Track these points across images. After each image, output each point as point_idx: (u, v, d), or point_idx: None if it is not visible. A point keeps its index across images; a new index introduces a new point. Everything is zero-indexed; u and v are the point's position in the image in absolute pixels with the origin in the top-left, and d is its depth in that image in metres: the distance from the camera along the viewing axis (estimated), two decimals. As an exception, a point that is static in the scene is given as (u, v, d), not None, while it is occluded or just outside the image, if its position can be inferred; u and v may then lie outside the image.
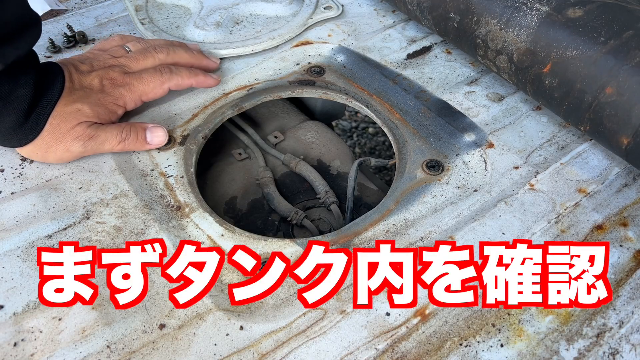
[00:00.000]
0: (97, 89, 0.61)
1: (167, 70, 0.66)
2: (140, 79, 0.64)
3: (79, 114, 0.58)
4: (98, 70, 0.62)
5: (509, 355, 0.47)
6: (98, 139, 0.60)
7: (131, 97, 0.63)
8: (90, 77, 0.61)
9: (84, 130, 0.59)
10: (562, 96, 0.61)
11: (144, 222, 0.56)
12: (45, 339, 0.46)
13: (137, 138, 0.62)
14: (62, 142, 0.58)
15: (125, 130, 0.61)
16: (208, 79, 0.70)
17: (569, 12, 0.61)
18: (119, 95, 0.62)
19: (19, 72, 0.54)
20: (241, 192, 0.74)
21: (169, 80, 0.66)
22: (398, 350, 0.47)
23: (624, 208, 0.59)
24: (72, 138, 0.58)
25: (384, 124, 0.69)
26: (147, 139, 0.63)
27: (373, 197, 0.75)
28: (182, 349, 0.46)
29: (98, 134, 0.60)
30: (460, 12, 0.71)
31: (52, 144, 0.58)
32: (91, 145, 0.60)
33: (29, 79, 0.55)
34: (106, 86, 0.62)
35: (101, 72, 0.62)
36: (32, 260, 0.52)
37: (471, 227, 0.57)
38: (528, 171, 0.63)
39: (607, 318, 0.50)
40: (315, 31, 0.84)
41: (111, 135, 0.61)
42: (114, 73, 0.63)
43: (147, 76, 0.64)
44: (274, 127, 0.85)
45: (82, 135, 0.59)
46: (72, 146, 0.59)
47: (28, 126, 0.56)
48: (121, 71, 0.64)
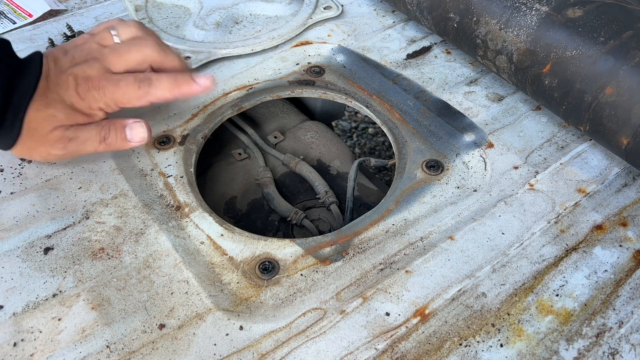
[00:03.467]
0: (71, 91, 0.56)
1: (146, 84, 0.57)
2: (117, 86, 0.56)
3: (54, 119, 0.55)
4: (78, 65, 0.56)
5: (508, 355, 0.47)
6: (78, 140, 0.57)
7: (106, 103, 0.57)
8: (65, 75, 0.56)
9: (62, 133, 0.56)
10: (561, 96, 0.61)
11: (144, 222, 0.56)
12: (45, 339, 0.46)
13: (116, 136, 0.58)
14: (42, 145, 0.56)
15: (105, 129, 0.58)
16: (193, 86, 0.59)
17: (569, 12, 0.61)
18: (93, 99, 0.56)
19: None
20: (241, 192, 0.74)
21: (146, 95, 0.57)
22: (398, 350, 0.47)
23: (624, 208, 0.59)
24: (51, 142, 0.55)
25: (384, 124, 0.69)
26: (127, 137, 0.58)
27: (373, 197, 0.75)
28: (182, 349, 0.46)
29: (77, 135, 0.56)
30: (460, 12, 0.71)
31: (33, 147, 0.56)
32: (72, 147, 0.56)
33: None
34: (80, 86, 0.56)
35: (78, 70, 0.56)
36: (32, 260, 0.52)
37: (471, 227, 0.57)
38: (528, 171, 0.63)
39: (606, 318, 0.50)
40: (315, 31, 0.84)
41: (90, 135, 0.57)
42: (92, 70, 0.56)
43: (124, 85, 0.57)
44: (274, 127, 0.85)
45: (61, 139, 0.56)
46: (53, 149, 0.56)
47: (4, 130, 0.53)
48: (100, 68, 0.57)
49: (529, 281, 0.52)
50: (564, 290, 0.51)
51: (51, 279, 0.50)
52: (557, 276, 0.53)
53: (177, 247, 0.54)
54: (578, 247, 0.55)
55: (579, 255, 0.54)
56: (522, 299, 0.51)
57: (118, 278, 0.51)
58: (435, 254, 0.54)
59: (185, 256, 0.53)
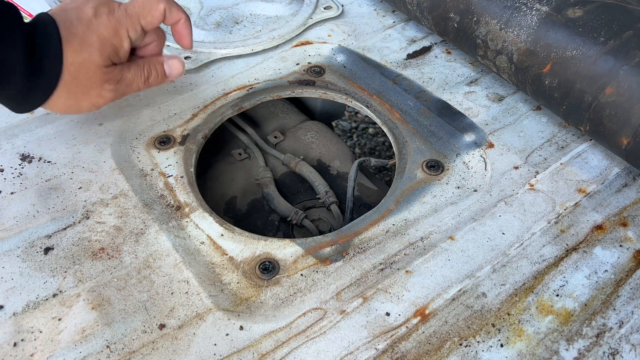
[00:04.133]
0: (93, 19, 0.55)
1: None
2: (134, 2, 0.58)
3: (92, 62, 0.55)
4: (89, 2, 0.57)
5: (508, 355, 0.47)
6: (125, 81, 0.58)
7: (130, 24, 0.57)
8: (86, 8, 0.56)
9: (110, 73, 0.56)
10: (562, 96, 0.61)
11: (144, 222, 0.56)
12: (45, 339, 0.46)
13: (157, 74, 0.61)
14: (93, 89, 0.56)
15: (146, 68, 0.60)
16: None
17: (569, 12, 0.61)
18: (117, 23, 0.56)
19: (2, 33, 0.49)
20: (241, 192, 0.74)
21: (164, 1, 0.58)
22: (398, 350, 0.47)
23: (624, 208, 0.59)
24: (101, 82, 0.56)
25: (384, 124, 0.69)
26: (167, 73, 0.62)
27: (373, 197, 0.75)
28: (182, 349, 0.46)
29: (124, 75, 0.58)
30: (460, 12, 0.71)
31: (81, 92, 0.55)
32: (121, 89, 0.58)
33: (18, 37, 0.50)
34: (101, 15, 0.56)
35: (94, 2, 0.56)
36: (32, 260, 0.52)
37: (471, 227, 0.57)
38: (528, 171, 0.63)
39: (607, 318, 0.50)
40: (315, 31, 0.84)
41: (136, 75, 0.59)
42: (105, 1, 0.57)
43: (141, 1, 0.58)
44: (274, 127, 0.85)
45: (111, 79, 0.56)
46: (104, 91, 0.57)
47: (41, 83, 0.53)
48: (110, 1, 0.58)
49: (529, 281, 0.52)
50: (564, 291, 0.51)
51: (51, 279, 0.50)
52: (557, 276, 0.53)
53: (177, 247, 0.54)
54: (578, 247, 0.55)
55: (579, 255, 0.54)
56: (522, 299, 0.51)
57: (118, 278, 0.51)
58: (435, 254, 0.54)
59: (185, 256, 0.53)
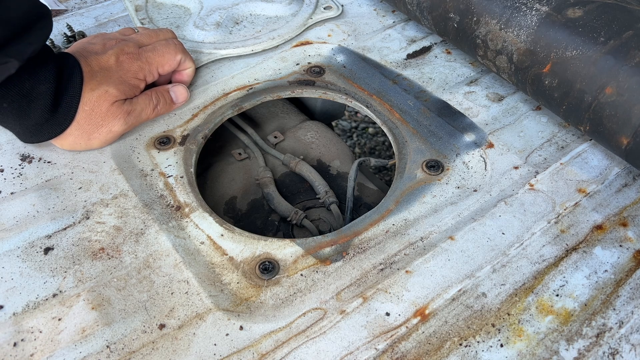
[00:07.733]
0: (115, 67, 0.62)
1: (177, 41, 0.69)
2: (155, 51, 0.65)
3: (108, 95, 0.59)
4: (113, 48, 0.63)
5: (508, 355, 0.47)
6: (135, 112, 0.62)
7: (149, 70, 0.65)
8: (107, 56, 0.62)
9: (120, 108, 0.61)
10: (561, 96, 0.61)
11: (144, 222, 0.56)
12: (45, 339, 0.46)
13: (165, 101, 0.66)
14: (103, 126, 0.60)
15: (155, 96, 0.65)
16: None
17: (569, 12, 0.61)
18: (138, 69, 0.63)
19: (37, 68, 0.54)
20: (241, 192, 0.74)
21: (181, 51, 0.68)
22: (398, 350, 0.47)
23: (624, 208, 0.59)
24: (111, 118, 0.60)
25: (384, 124, 0.69)
26: (173, 99, 0.67)
27: (373, 197, 0.75)
28: (182, 349, 0.46)
29: (134, 107, 0.62)
30: (460, 12, 0.71)
31: (92, 130, 0.60)
32: (131, 120, 0.62)
33: (49, 73, 0.55)
34: (124, 62, 0.62)
35: (116, 50, 0.63)
36: (32, 260, 0.52)
37: (471, 227, 0.57)
38: (528, 171, 0.63)
39: (606, 318, 0.50)
40: (315, 31, 0.84)
41: (145, 105, 0.63)
42: (129, 47, 0.64)
43: (160, 47, 0.66)
44: (274, 127, 0.85)
45: (120, 114, 0.61)
46: (114, 126, 0.61)
47: (58, 118, 0.57)
48: (135, 45, 0.65)
49: (529, 281, 0.52)
50: (564, 290, 0.51)
51: (51, 279, 0.50)
52: (557, 276, 0.53)
53: (177, 247, 0.54)
54: (578, 247, 0.55)
55: (579, 255, 0.54)
56: (522, 299, 0.51)
57: (118, 278, 0.51)
58: (435, 254, 0.54)
59: (185, 256, 0.53)
